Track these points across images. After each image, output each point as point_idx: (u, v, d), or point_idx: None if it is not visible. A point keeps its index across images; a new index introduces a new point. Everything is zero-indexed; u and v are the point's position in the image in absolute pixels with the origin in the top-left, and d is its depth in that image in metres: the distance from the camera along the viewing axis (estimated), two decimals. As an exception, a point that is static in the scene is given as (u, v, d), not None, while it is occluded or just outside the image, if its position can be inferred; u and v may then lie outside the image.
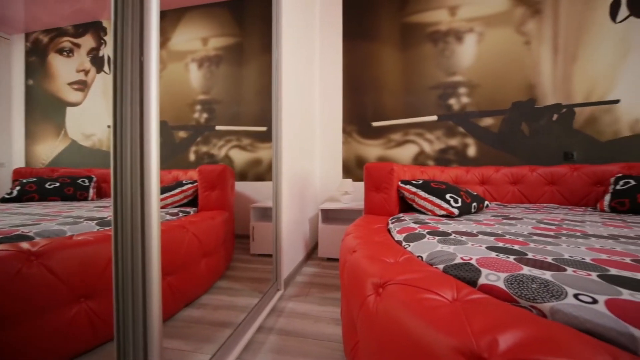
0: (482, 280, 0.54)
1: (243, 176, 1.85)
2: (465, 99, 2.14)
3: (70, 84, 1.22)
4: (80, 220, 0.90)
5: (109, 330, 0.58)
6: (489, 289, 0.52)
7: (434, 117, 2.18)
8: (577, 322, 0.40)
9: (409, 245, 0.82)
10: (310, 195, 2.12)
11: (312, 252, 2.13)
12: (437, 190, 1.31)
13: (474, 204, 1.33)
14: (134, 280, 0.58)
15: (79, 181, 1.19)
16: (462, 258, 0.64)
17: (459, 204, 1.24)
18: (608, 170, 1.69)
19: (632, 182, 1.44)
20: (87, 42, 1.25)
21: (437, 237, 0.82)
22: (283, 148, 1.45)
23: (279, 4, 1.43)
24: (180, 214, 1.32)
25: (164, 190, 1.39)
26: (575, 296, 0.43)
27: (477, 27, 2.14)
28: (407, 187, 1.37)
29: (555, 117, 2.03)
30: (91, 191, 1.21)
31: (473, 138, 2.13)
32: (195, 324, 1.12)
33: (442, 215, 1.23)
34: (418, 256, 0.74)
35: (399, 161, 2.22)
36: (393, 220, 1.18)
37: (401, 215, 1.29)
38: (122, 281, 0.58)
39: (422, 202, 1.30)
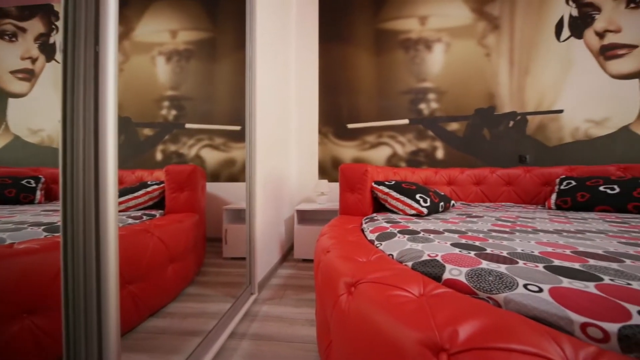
0: (446, 275, 0.57)
1: (215, 177, 1.77)
2: (434, 105, 2.27)
3: (13, 72, 1.08)
4: (23, 226, 0.80)
5: (58, 349, 0.52)
6: (452, 283, 0.55)
7: (406, 121, 2.28)
8: (526, 309, 0.44)
9: (381, 244, 0.85)
10: (286, 196, 2.10)
11: (287, 254, 2.11)
12: (408, 190, 1.37)
13: (442, 203, 1.41)
14: (86, 291, 0.53)
15: (24, 182, 1.06)
16: (429, 255, 0.67)
17: (428, 204, 1.31)
18: (554, 172, 1.89)
19: (573, 183, 1.62)
20: (35, 26, 1.12)
21: (407, 236, 0.86)
22: (257, 148, 1.42)
23: (252, 2, 1.40)
24: (145, 217, 1.23)
25: (125, 192, 1.29)
26: (525, 286, 0.48)
27: (444, 37, 2.28)
28: (380, 187, 1.42)
29: (511, 123, 2.23)
30: (38, 193, 1.08)
31: (441, 141, 2.26)
32: (162, 334, 1.05)
33: (413, 215, 1.29)
34: (389, 254, 0.77)
35: (374, 162, 2.29)
36: (367, 220, 1.21)
37: (375, 215, 1.33)
38: (73, 293, 0.52)
39: (394, 202, 1.35)
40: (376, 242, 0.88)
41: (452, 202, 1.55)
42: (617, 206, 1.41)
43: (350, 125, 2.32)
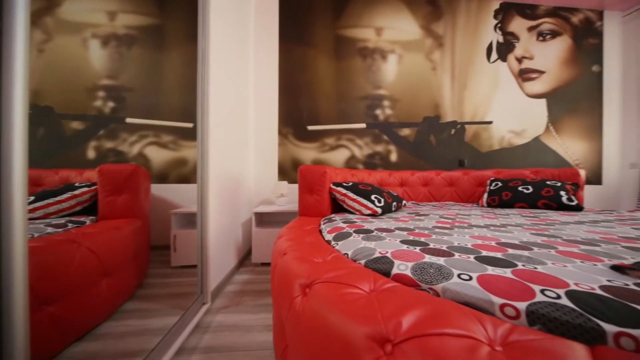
0: (394, 271, 0.61)
1: (163, 178, 1.61)
2: (388, 111, 2.42)
3: None
4: None
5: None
6: (399, 278, 0.59)
7: (363, 125, 2.39)
8: (459, 296, 0.49)
9: (337, 244, 0.87)
10: (243, 198, 2.02)
11: (245, 258, 2.03)
12: (364, 191, 1.43)
13: (394, 203, 1.51)
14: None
15: None
16: (380, 252, 0.71)
17: (382, 204, 1.39)
18: (486, 175, 2.18)
19: (500, 184, 1.89)
20: None
21: (361, 235, 0.89)
22: (210, 147, 1.34)
23: (206, -8, 1.32)
24: (70, 225, 1.05)
25: (44, 195, 1.09)
26: (459, 276, 0.54)
27: (397, 49, 2.46)
28: (338, 189, 1.45)
29: (453, 131, 2.50)
30: None
31: (395, 145, 2.43)
32: (93, 359, 0.91)
33: (368, 214, 1.35)
34: (344, 254, 0.79)
35: (333, 164, 2.34)
36: (325, 221, 1.23)
37: (333, 215, 1.36)
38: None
39: (351, 203, 1.40)
40: (333, 242, 0.90)
41: (404, 202, 1.67)
42: (531, 203, 1.68)
43: (310, 127, 2.33)
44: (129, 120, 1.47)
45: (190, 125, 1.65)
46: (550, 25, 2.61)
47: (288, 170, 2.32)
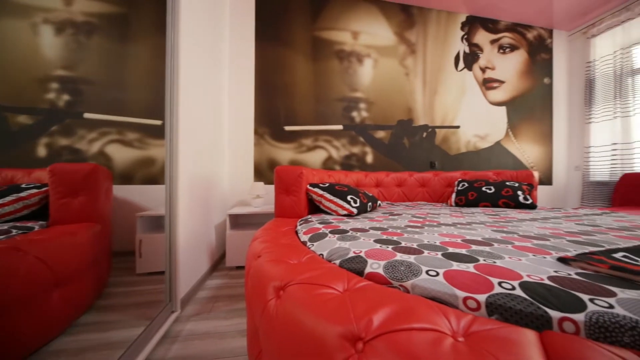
0: (367, 269, 0.63)
1: (128, 178, 1.50)
2: (364, 113, 2.48)
3: None
4: None
5: None
6: (372, 276, 0.61)
7: (340, 127, 2.43)
8: (427, 292, 0.51)
9: (313, 245, 0.87)
10: (217, 199, 1.94)
11: (219, 262, 1.95)
12: (340, 192, 1.45)
13: (370, 203, 1.55)
14: None
15: None
16: (354, 252, 0.72)
17: (358, 204, 1.42)
18: (454, 176, 2.32)
19: (466, 185, 2.02)
20: None
21: (337, 235, 0.90)
22: (180, 146, 1.27)
23: (177, -17, 1.25)
24: (15, 232, 0.94)
25: (-19, 198, 0.96)
26: (427, 272, 0.56)
27: (373, 54, 2.53)
28: (315, 189, 1.46)
29: (424, 134, 2.63)
30: None
31: (370, 147, 2.49)
32: (41, 380, 0.81)
33: (345, 215, 1.37)
34: (320, 254, 0.79)
35: (310, 165, 2.34)
36: (301, 222, 1.22)
37: (309, 216, 1.35)
38: None
39: (327, 204, 1.41)
40: (309, 243, 0.90)
41: (379, 202, 1.72)
42: (493, 202, 1.82)
43: (287, 128, 2.31)
44: (87, 115, 1.34)
45: (158, 122, 1.56)
46: (510, 40, 2.85)
47: (264, 171, 2.28)
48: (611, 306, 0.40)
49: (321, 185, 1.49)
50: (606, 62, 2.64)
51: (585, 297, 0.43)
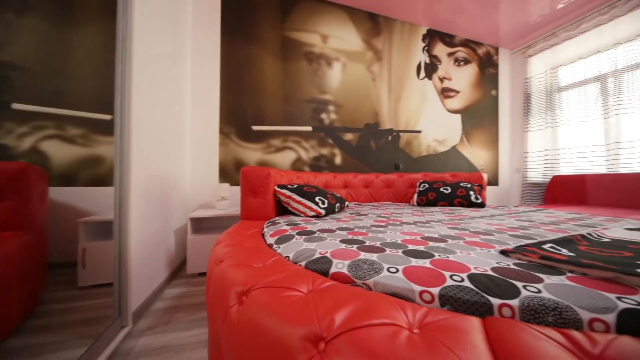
0: (332, 270, 0.63)
1: (69, 180, 1.32)
2: (333, 116, 2.52)
3: None
4: None
5: None
6: (337, 276, 0.61)
7: (309, 128, 2.43)
8: (387, 288, 0.54)
9: (279, 247, 0.85)
10: (177, 202, 1.81)
11: (179, 269, 1.82)
12: (308, 193, 1.45)
13: (338, 204, 1.58)
14: None
15: None
16: (320, 253, 0.72)
17: (326, 205, 1.43)
18: (416, 177, 2.47)
19: (427, 185, 2.17)
20: None
21: (304, 237, 0.90)
22: (133, 144, 1.16)
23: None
24: None
25: None
26: (388, 269, 0.59)
27: (342, 58, 2.59)
28: (283, 191, 1.44)
29: (389, 138, 2.76)
30: None
31: (339, 149, 2.54)
32: None
33: (313, 216, 1.37)
34: (286, 257, 0.78)
35: (279, 166, 2.31)
36: (268, 224, 1.20)
37: (277, 218, 1.33)
38: None
39: (295, 205, 1.40)
40: (275, 246, 0.88)
41: (347, 202, 1.76)
42: (449, 201, 1.98)
43: (255, 127, 2.25)
44: (16, 106, 1.16)
45: (108, 117, 1.40)
46: (463, 54, 3.14)
47: (231, 172, 2.18)
48: (539, 291, 0.46)
49: (289, 186, 1.48)
50: (539, 80, 3.05)
51: (519, 285, 0.48)
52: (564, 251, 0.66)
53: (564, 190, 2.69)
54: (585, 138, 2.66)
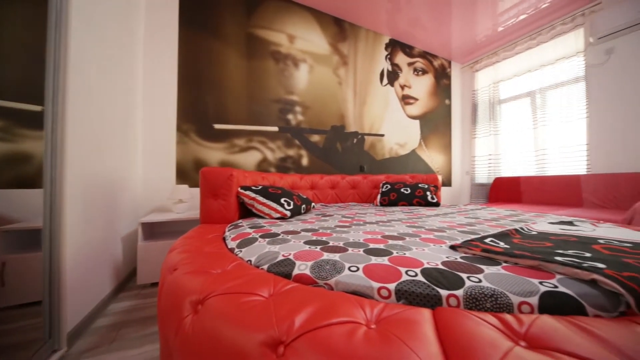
0: (295, 271, 0.63)
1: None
2: (300, 117, 2.52)
3: None
4: None
5: None
6: (299, 278, 0.61)
7: (275, 128, 2.39)
8: (348, 287, 0.55)
9: (241, 251, 0.82)
10: (126, 206, 1.64)
11: (128, 280, 1.64)
12: (274, 195, 1.42)
13: (304, 205, 1.57)
14: None
15: None
16: (283, 255, 0.71)
17: (292, 207, 1.42)
18: (379, 179, 2.59)
19: (389, 186, 2.28)
20: None
21: (267, 239, 0.88)
22: (68, 139, 1.02)
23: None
24: None
25: None
26: (349, 268, 0.60)
27: (309, 59, 2.60)
28: (247, 192, 1.39)
29: (355, 140, 2.85)
30: None
31: (306, 150, 2.55)
32: None
33: (278, 218, 1.35)
34: (248, 260, 0.75)
35: (244, 167, 2.23)
36: (230, 228, 1.14)
37: (240, 221, 1.28)
38: None
39: (260, 207, 1.36)
40: (236, 250, 0.85)
41: (313, 204, 1.77)
42: (409, 201, 2.11)
43: (217, 126, 2.14)
44: None
45: (38, 108, 1.21)
46: (421, 65, 3.39)
47: (190, 173, 2.04)
48: (480, 281, 0.51)
49: (253, 188, 1.43)
50: (484, 92, 3.43)
51: (464, 276, 0.53)
52: (501, 244, 0.75)
53: (503, 190, 3.06)
54: (520, 145, 3.06)
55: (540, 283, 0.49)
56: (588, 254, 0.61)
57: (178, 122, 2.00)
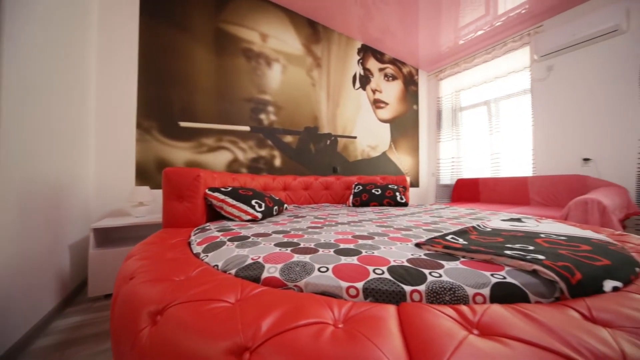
0: (264, 275, 0.61)
1: None
2: (273, 117, 2.48)
3: None
4: None
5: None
6: (269, 281, 0.60)
7: (247, 128, 2.33)
8: (317, 288, 0.55)
9: (207, 256, 0.78)
10: (76, 210, 1.47)
11: (77, 293, 1.47)
12: (244, 196, 1.38)
13: (276, 207, 1.55)
14: None
15: None
16: (252, 258, 0.69)
17: (263, 208, 1.39)
18: (352, 180, 2.64)
19: (361, 187, 2.34)
20: None
21: (235, 243, 0.85)
22: (1, 137, 0.89)
23: None
24: None
25: None
26: (319, 269, 0.60)
27: (282, 59, 2.58)
28: (215, 194, 1.33)
29: (328, 142, 2.88)
30: None
31: (279, 151, 2.51)
32: None
33: (248, 220, 1.31)
34: (214, 265, 0.72)
35: (213, 167, 2.13)
36: (197, 231, 1.08)
37: (207, 224, 1.22)
38: None
39: (229, 209, 1.31)
40: (202, 255, 0.80)
41: (285, 205, 1.74)
42: (379, 202, 2.18)
43: (183, 124, 2.02)
44: None
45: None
46: (392, 71, 3.54)
47: (152, 173, 1.89)
48: (440, 275, 0.54)
49: (222, 189, 1.38)
50: (447, 99, 3.69)
51: (426, 272, 0.56)
52: (460, 240, 0.81)
53: (464, 191, 3.31)
54: (478, 149, 3.35)
55: (492, 275, 0.54)
56: (531, 247, 0.69)
57: (138, 118, 1.85)
